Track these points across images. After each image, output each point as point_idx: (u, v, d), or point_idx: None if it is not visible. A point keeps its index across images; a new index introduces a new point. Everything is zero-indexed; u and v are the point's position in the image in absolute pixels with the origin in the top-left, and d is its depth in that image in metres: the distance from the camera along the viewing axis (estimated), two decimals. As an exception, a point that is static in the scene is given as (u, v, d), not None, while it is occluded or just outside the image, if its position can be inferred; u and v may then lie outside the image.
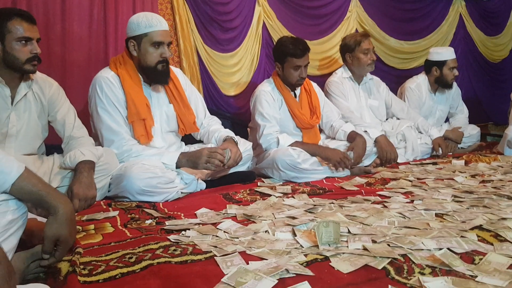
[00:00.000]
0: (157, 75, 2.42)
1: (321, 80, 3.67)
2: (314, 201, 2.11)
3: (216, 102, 3.49)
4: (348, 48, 3.47)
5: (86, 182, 1.99)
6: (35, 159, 2.18)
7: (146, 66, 2.39)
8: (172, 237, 1.56)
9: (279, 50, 2.97)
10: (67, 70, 2.90)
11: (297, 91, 3.08)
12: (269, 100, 2.95)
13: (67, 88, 2.78)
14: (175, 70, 2.65)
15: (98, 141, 2.42)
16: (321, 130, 3.26)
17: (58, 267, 1.27)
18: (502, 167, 2.94)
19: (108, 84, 2.37)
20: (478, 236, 1.53)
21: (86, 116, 2.78)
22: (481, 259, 1.32)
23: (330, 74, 3.68)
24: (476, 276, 1.21)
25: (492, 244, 1.46)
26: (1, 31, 1.99)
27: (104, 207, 2.06)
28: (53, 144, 2.41)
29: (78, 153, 2.08)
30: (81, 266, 1.29)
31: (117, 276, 1.24)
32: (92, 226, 1.72)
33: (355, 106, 3.49)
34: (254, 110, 2.99)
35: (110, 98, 2.36)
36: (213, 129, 2.62)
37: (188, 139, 2.74)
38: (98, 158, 2.13)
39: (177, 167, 2.33)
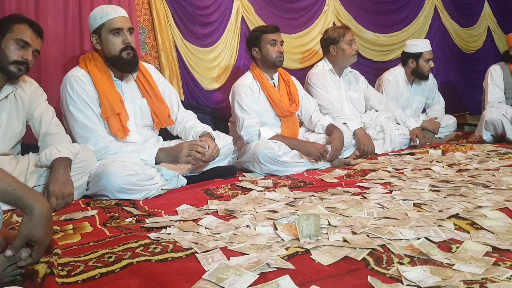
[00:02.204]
0: (124, 64, 2.38)
1: (303, 73, 3.69)
2: (295, 194, 2.12)
3: (196, 97, 3.47)
4: (332, 40, 3.49)
5: (62, 179, 1.97)
6: (10, 158, 2.14)
7: (111, 57, 2.36)
8: (152, 235, 1.55)
9: (252, 35, 3.09)
10: (42, 66, 2.84)
11: (276, 81, 3.09)
12: (247, 93, 2.95)
13: (42, 85, 2.72)
14: (147, 65, 2.63)
15: (73, 141, 2.37)
16: (301, 123, 3.28)
17: (35, 269, 1.24)
18: (478, 156, 3.00)
19: (79, 83, 2.33)
20: (455, 224, 1.56)
21: (61, 113, 2.74)
22: (458, 247, 1.34)
23: (311, 66, 3.71)
24: (453, 264, 1.23)
25: (468, 232, 1.48)
26: (4, 29, 2.07)
27: (83, 206, 2.03)
28: (29, 144, 2.37)
29: (54, 150, 2.05)
30: (59, 267, 1.27)
31: (96, 277, 1.23)
32: (70, 226, 1.70)
33: (335, 98, 3.52)
34: (233, 103, 3.00)
35: (82, 96, 2.32)
36: (189, 126, 2.60)
37: (166, 135, 2.72)
38: (75, 155, 2.10)
39: (156, 163, 2.31)
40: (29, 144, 2.37)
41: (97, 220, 1.79)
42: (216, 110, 3.53)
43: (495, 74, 3.74)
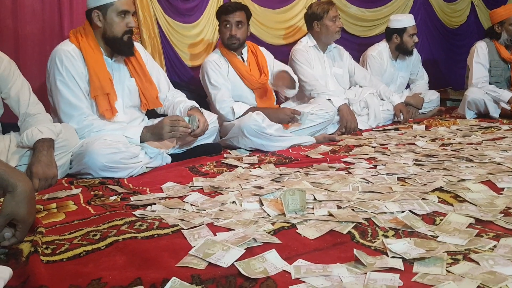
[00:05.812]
0: (123, 46, 2.36)
1: (287, 49, 3.66)
2: (280, 170, 2.12)
3: (180, 74, 3.42)
4: (316, 17, 3.45)
5: (45, 161, 1.93)
6: (-10, 138, 2.09)
7: (112, 37, 2.32)
8: (137, 212, 1.54)
9: (216, 13, 3.07)
10: (20, 44, 2.76)
11: (244, 56, 3.07)
12: (214, 68, 2.96)
13: (21, 63, 2.66)
14: (136, 44, 2.57)
15: (57, 117, 2.33)
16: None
17: (19, 248, 1.23)
18: (461, 130, 3.04)
19: (69, 58, 2.28)
20: (438, 197, 1.58)
21: (42, 91, 2.67)
22: (441, 219, 1.37)
23: (295, 42, 3.66)
24: (437, 236, 1.25)
25: (452, 205, 1.51)
26: None
27: (66, 185, 2.00)
28: (9, 123, 2.31)
29: (36, 131, 2.00)
30: (44, 246, 1.26)
31: (82, 254, 1.22)
32: (54, 205, 1.68)
33: (319, 74, 3.50)
34: (204, 83, 3.01)
35: (71, 72, 2.27)
36: (177, 101, 2.58)
37: (151, 113, 2.68)
38: (57, 135, 2.06)
39: (141, 141, 2.28)
40: (9, 123, 2.31)
41: (81, 198, 1.77)
42: (199, 88, 3.48)
43: (481, 52, 3.72)
